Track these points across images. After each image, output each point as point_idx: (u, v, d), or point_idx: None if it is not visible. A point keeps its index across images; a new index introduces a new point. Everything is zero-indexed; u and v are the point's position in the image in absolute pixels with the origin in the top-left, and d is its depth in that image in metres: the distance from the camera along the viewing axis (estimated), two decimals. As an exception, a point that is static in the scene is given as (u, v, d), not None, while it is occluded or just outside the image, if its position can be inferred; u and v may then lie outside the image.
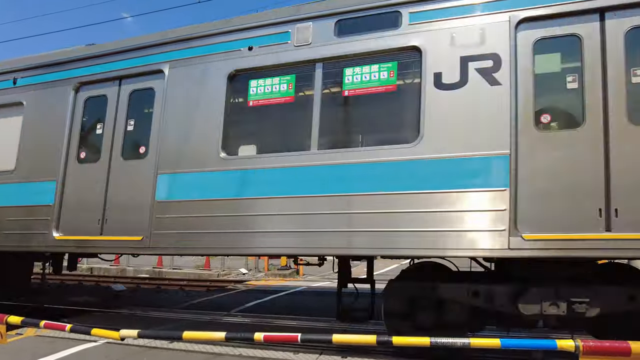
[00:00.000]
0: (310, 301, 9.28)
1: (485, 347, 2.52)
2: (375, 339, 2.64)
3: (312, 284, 12.08)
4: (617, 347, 2.32)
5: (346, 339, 2.77)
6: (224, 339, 3.02)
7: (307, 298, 9.69)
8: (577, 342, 2.34)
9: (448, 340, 2.51)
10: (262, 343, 2.93)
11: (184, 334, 3.00)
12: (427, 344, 2.53)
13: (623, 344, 2.31)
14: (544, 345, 2.47)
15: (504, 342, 2.46)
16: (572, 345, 2.35)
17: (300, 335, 2.80)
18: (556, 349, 2.40)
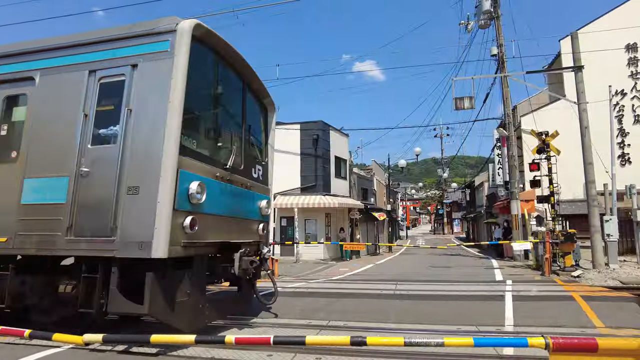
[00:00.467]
0: (285, 302, 9.18)
1: (459, 346, 2.52)
2: (349, 339, 2.60)
3: (288, 284, 11.97)
4: (584, 344, 2.37)
5: (320, 340, 2.71)
6: (194, 342, 2.91)
7: (282, 299, 9.58)
8: (547, 340, 2.37)
9: (422, 339, 2.50)
10: (233, 346, 2.83)
11: (152, 337, 2.88)
12: (402, 343, 2.51)
13: (590, 340, 2.37)
14: (516, 343, 2.49)
15: (477, 341, 2.47)
16: (543, 343, 2.38)
17: (273, 336, 2.72)
18: (527, 346, 2.42)
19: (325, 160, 22.23)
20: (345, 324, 6.96)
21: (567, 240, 13.07)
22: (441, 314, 7.69)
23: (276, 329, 6.72)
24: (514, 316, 7.28)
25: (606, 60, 19.36)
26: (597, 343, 2.30)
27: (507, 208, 20.11)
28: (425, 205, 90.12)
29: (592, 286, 10.78)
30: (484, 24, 20.11)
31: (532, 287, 10.72)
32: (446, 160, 59.76)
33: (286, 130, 22.45)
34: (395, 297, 9.52)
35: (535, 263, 15.32)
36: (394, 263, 19.80)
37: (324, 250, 21.16)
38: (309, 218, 21.60)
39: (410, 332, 6.45)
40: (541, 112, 20.05)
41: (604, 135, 16.80)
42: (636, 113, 19.27)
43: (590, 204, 14.12)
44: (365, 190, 31.19)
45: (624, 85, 19.47)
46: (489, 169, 28.02)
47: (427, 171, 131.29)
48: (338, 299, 9.27)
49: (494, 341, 2.61)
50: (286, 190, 21.85)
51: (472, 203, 42.22)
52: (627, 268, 13.96)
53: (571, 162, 17.54)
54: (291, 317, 7.55)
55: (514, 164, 19.17)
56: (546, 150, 15.32)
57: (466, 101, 17.55)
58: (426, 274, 14.66)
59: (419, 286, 11.47)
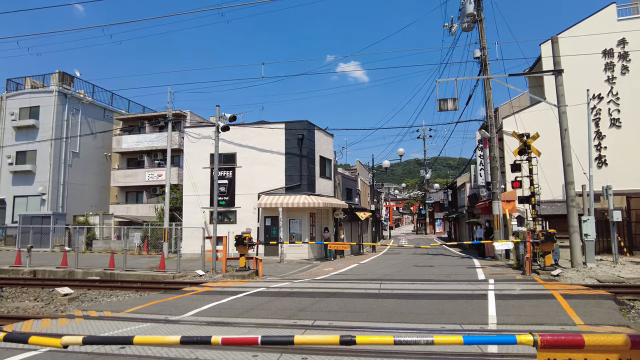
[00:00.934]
0: (269, 302, 9.11)
1: (449, 344, 2.51)
2: (339, 338, 2.56)
3: (272, 284, 11.89)
4: (571, 340, 2.40)
5: (308, 339, 2.67)
6: (179, 342, 2.83)
7: (267, 299, 9.50)
8: (535, 337, 2.39)
9: (412, 338, 2.48)
10: (220, 346, 2.76)
11: (135, 338, 2.79)
12: (391, 342, 2.49)
13: (577, 337, 2.39)
14: (504, 340, 2.50)
15: (466, 339, 2.47)
16: (531, 340, 2.39)
17: (261, 336, 2.67)
18: (515, 343, 2.43)
19: (310, 160, 22.20)
20: (331, 323, 6.94)
21: (547, 240, 13.33)
22: (425, 313, 7.73)
23: (262, 329, 6.66)
24: (496, 314, 7.38)
25: (585, 65, 19.85)
26: (583, 339, 2.33)
27: (488, 208, 20.42)
28: (408, 206, 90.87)
29: (571, 285, 11.02)
30: (468, 26, 20.37)
31: (513, 286, 10.89)
32: (429, 162, 60.39)
33: (271, 129, 22.35)
34: (380, 297, 9.55)
35: (516, 262, 15.59)
36: (378, 263, 19.89)
37: (308, 250, 21.12)
38: (293, 218, 21.53)
39: (396, 330, 6.47)
40: (522, 114, 20.42)
41: (582, 137, 17.23)
42: (612, 117, 19.79)
43: (570, 205, 14.45)
44: (349, 190, 31.27)
45: (601, 89, 19.98)
46: (470, 170, 28.40)
47: (409, 172, 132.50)
48: (323, 299, 9.24)
49: (483, 339, 2.62)
50: (270, 189, 21.74)
51: (454, 203, 42.74)
52: (603, 267, 14.34)
53: (550, 164, 17.94)
54: (276, 317, 7.50)
55: (496, 165, 19.49)
56: (527, 152, 15.60)
57: (450, 103, 17.75)
58: (410, 274, 14.76)
59: (403, 285, 11.54)
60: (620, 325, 6.70)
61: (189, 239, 21.13)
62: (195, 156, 23.08)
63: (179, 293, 10.78)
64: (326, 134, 24.77)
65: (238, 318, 7.52)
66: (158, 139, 31.15)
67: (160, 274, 14.68)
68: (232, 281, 13.13)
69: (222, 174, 22.21)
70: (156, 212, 29.02)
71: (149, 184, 31.60)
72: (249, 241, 14.51)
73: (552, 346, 2.37)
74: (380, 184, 64.96)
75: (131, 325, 6.92)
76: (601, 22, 20.22)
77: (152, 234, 26.09)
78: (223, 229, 20.79)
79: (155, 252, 24.58)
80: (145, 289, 12.64)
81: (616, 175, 18.82)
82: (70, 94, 31.03)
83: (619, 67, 19.98)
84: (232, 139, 22.22)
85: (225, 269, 14.86)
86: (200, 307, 8.48)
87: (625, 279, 11.95)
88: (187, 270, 15.38)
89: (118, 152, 33.05)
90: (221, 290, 11.06)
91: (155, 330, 6.53)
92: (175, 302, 9.30)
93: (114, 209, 31.98)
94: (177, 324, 7.08)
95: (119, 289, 12.81)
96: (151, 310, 8.38)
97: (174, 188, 28.34)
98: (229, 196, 22.32)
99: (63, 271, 15.47)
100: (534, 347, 2.39)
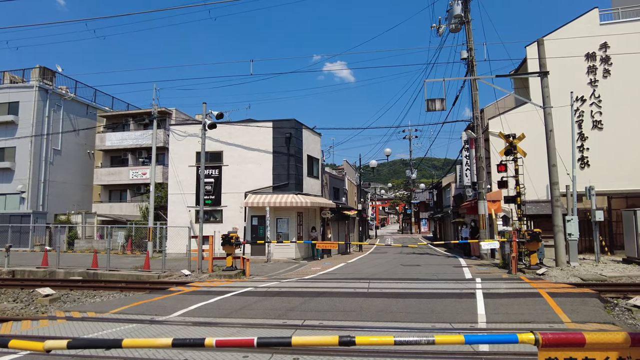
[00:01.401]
0: (258, 302, 9.00)
1: (450, 343, 2.47)
2: (338, 339, 2.50)
3: (260, 284, 11.77)
4: (572, 338, 2.39)
5: (306, 340, 2.60)
6: (171, 345, 2.72)
7: (255, 299, 9.39)
8: (536, 335, 2.37)
9: (412, 338, 2.44)
10: (214, 348, 2.67)
11: (124, 341, 2.68)
12: (392, 342, 2.44)
13: (578, 335, 2.38)
14: (506, 339, 2.48)
15: (467, 338, 2.43)
16: (532, 338, 2.37)
17: (257, 338, 2.59)
18: (517, 342, 2.41)
19: (297, 159, 22.09)
20: (321, 323, 6.88)
21: (533, 240, 13.51)
22: (415, 312, 7.73)
23: (251, 330, 6.56)
24: (486, 313, 7.42)
25: (568, 68, 20.20)
26: (584, 338, 2.32)
27: (474, 208, 20.63)
28: (394, 205, 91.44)
29: (556, 283, 11.18)
30: (455, 28, 20.54)
31: (501, 285, 11.00)
32: (414, 162, 60.86)
33: (258, 128, 22.17)
34: (369, 296, 9.52)
35: (502, 261, 15.77)
36: (365, 262, 19.91)
37: (295, 250, 21.02)
38: (280, 217, 21.40)
39: (387, 330, 6.44)
40: (507, 116, 20.68)
41: (566, 139, 17.53)
42: (594, 119, 20.18)
43: (554, 205, 14.67)
44: (337, 189, 31.26)
45: (584, 92, 20.37)
46: (456, 171, 28.67)
47: (395, 172, 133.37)
48: (312, 298, 9.17)
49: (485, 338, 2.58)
50: (258, 188, 21.57)
51: (439, 203, 43.12)
52: (586, 265, 14.61)
53: (534, 164, 18.20)
54: (266, 317, 7.40)
55: (482, 165, 19.69)
56: (513, 152, 15.79)
57: (437, 103, 17.86)
58: (397, 272, 14.80)
59: (391, 284, 11.54)
60: (606, 322, 6.80)
61: (174, 238, 20.82)
62: (181, 154, 22.75)
63: (165, 293, 10.58)
64: (314, 133, 24.69)
65: (226, 318, 7.40)
66: (143, 137, 30.63)
67: (145, 273, 14.41)
68: (219, 281, 12.96)
69: (208, 173, 21.95)
70: (140, 211, 28.54)
71: (133, 182, 31.06)
72: (236, 240, 14.34)
73: (553, 345, 2.35)
74: (367, 184, 65.17)
75: (117, 326, 6.74)
76: (584, 25, 20.60)
77: (137, 233, 25.65)
78: (209, 228, 20.54)
79: (140, 251, 24.17)
80: (130, 289, 12.38)
81: (598, 176, 19.22)
82: (51, 89, 30.27)
83: (601, 71, 20.39)
84: (219, 137, 21.97)
85: (212, 269, 14.67)
86: (187, 307, 8.33)
87: (607, 277, 12.19)
88: (173, 270, 15.14)
89: (101, 150, 32.39)
90: (208, 290, 10.91)
91: (142, 331, 6.37)
92: (162, 302, 9.12)
93: (97, 207, 31.34)
94: (164, 325, 6.93)
95: (103, 289, 12.52)
96: (137, 311, 8.19)
97: (158, 187, 27.91)
98: (215, 195, 22.07)
99: (44, 271, 15.06)
100: (535, 345, 2.38)
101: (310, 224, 23.20)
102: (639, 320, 7.61)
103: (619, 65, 20.12)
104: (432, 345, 5.30)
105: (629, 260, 15.25)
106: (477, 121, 19.91)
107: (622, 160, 19.52)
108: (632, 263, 14.77)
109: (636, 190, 19.31)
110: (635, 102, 19.88)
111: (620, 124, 19.88)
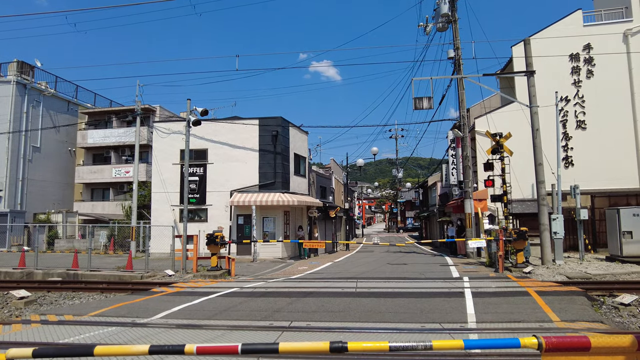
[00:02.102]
0: (244, 303, 8.77)
1: (449, 348, 2.32)
2: (329, 345, 2.32)
3: (246, 284, 11.53)
4: (577, 342, 2.26)
5: (295, 347, 2.41)
6: (148, 352, 2.51)
7: (241, 299, 9.17)
8: (539, 339, 2.22)
9: (409, 343, 2.28)
10: (194, 355, 2.47)
11: (96, 348, 2.46)
12: (387, 348, 2.27)
13: (583, 338, 2.25)
14: (508, 343, 2.33)
15: (467, 343, 2.28)
16: (535, 343, 2.23)
17: (241, 345, 2.39)
18: (519, 347, 2.26)
19: (284, 157, 21.85)
20: (309, 324, 6.70)
21: (519, 238, 13.55)
22: (404, 311, 7.61)
23: (236, 332, 6.34)
24: (475, 312, 7.33)
25: (554, 68, 20.40)
26: (590, 341, 2.20)
27: (460, 207, 20.69)
28: (380, 204, 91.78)
29: (543, 281, 11.21)
30: (442, 27, 20.53)
31: (489, 284, 10.97)
32: (400, 161, 61.08)
33: (244, 125, 21.86)
34: (357, 295, 9.37)
35: (489, 260, 15.81)
36: (353, 261, 19.80)
37: (282, 249, 20.79)
38: (267, 216, 21.14)
39: (376, 331, 6.30)
40: (493, 115, 20.78)
41: (550, 138, 17.68)
42: (578, 119, 20.41)
43: (541, 203, 14.75)
44: (324, 188, 31.10)
45: (569, 92, 20.58)
46: (442, 170, 28.79)
47: (381, 171, 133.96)
48: (299, 299, 8.98)
49: (486, 342, 2.43)
50: (243, 187, 21.26)
51: (425, 202, 43.33)
52: (571, 264, 14.73)
53: (519, 163, 18.32)
54: (251, 319, 7.19)
55: (468, 164, 19.74)
56: (500, 151, 15.84)
57: (425, 101, 17.83)
58: (385, 272, 14.70)
59: (379, 284, 11.43)
60: (595, 321, 6.78)
61: (158, 237, 20.37)
62: (165, 152, 22.29)
63: (147, 294, 10.27)
64: (301, 131, 24.48)
65: (211, 320, 7.17)
66: (126, 134, 29.99)
67: (127, 274, 14.02)
68: (204, 281, 12.67)
69: (192, 171, 21.55)
70: (123, 209, 27.93)
71: (116, 180, 30.41)
72: (221, 240, 14.06)
73: (556, 349, 2.21)
74: (354, 183, 65.20)
75: (95, 330, 6.45)
76: (568, 27, 20.82)
77: (119, 233, 25.07)
78: (194, 227, 20.18)
79: (123, 251, 23.63)
80: (112, 290, 12.01)
81: (582, 175, 19.44)
82: (30, 84, 29.38)
83: (585, 71, 20.64)
84: (204, 134, 21.59)
85: (196, 269, 14.35)
86: (170, 309, 8.06)
87: (592, 275, 12.29)
88: (156, 270, 14.77)
89: (83, 148, 31.62)
90: (192, 290, 10.63)
91: (122, 335, 6.10)
92: (144, 304, 8.82)
93: (79, 206, 30.58)
94: (145, 328, 6.66)
95: (83, 290, 12.12)
96: (117, 313, 7.89)
97: (142, 185, 27.35)
98: (200, 194, 21.68)
99: (20, 272, 14.54)
100: (537, 350, 2.24)
101: (297, 223, 22.99)
102: (626, 318, 7.62)
103: (601, 66, 20.39)
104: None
105: (612, 258, 15.44)
106: (464, 120, 19.96)
107: (604, 160, 19.80)
108: (615, 261, 14.96)
109: (619, 189, 19.61)
110: (617, 102, 20.18)
111: (603, 124, 20.15)
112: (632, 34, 20.27)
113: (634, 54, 20.03)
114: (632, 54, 20.06)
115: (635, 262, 14.26)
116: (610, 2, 22.17)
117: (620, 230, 14.94)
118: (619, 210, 15.17)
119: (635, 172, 19.68)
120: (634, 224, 14.84)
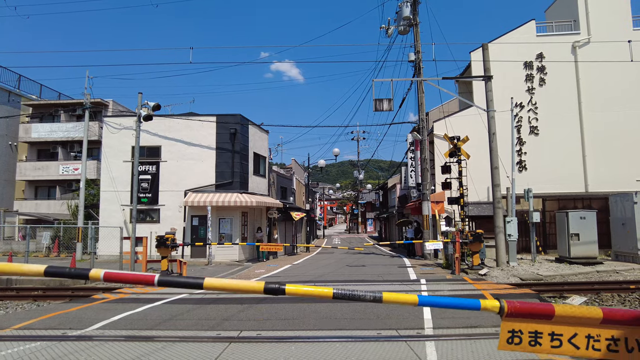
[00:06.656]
0: (190, 311, 8.22)
1: (400, 303, 2.17)
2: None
3: (196, 289, 10.90)
4: (541, 308, 2.15)
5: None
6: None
7: (189, 307, 8.60)
8: (502, 303, 2.11)
9: (356, 288, 2.03)
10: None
11: None
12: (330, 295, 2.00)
13: (548, 305, 2.16)
14: (467, 304, 2.18)
15: (421, 299, 2.15)
16: (497, 306, 2.11)
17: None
18: (479, 309, 2.14)
19: (243, 157, 21.23)
20: (259, 334, 6.29)
21: (475, 240, 13.73)
22: (360, 317, 7.35)
23: (178, 345, 5.82)
24: (432, 317, 7.18)
25: (510, 74, 21.05)
26: (554, 308, 2.16)
27: (418, 209, 20.89)
28: (342, 206, 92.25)
29: (498, 284, 11.35)
30: (404, 29, 20.68)
31: (445, 287, 10.96)
32: (362, 163, 61.59)
33: (201, 122, 21.04)
34: (312, 301, 9.03)
35: (445, 262, 15.96)
36: (312, 263, 19.49)
37: (239, 251, 20.15)
38: (223, 217, 20.43)
39: (330, 340, 5.97)
40: (452, 119, 21.15)
41: (506, 143, 18.16)
42: (531, 124, 21.18)
43: (496, 206, 15.05)
44: (284, 189, 30.63)
45: (523, 98, 21.32)
46: (401, 172, 29.09)
47: (343, 173, 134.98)
48: (252, 305, 8.53)
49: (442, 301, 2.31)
50: (199, 187, 20.45)
51: (385, 204, 43.84)
52: (524, 265, 15.13)
53: (475, 167, 18.71)
54: (197, 329, 6.68)
55: (426, 166, 19.96)
56: (457, 154, 16.04)
57: (385, 103, 17.82)
58: (344, 274, 14.48)
59: (337, 286, 11.10)
60: (548, 325, 6.78)
61: (107, 239, 19.17)
62: (116, 148, 21.06)
63: (87, 301, 9.46)
64: (261, 130, 23.91)
65: (152, 331, 6.59)
66: (75, 129, 28.23)
67: (69, 279, 12.97)
68: (152, 287, 11.91)
69: (144, 169, 20.50)
70: (70, 209, 26.22)
71: (64, 178, 28.53)
72: (172, 242, 13.33)
73: (518, 314, 2.05)
74: (316, 184, 65.10)
75: (15, 346, 5.72)
76: (523, 35, 21.56)
77: (65, 234, 23.46)
78: (145, 228, 19.17)
79: (68, 253, 22.11)
80: (47, 297, 11.04)
81: (534, 179, 20.14)
82: (-35, 73, 27.03)
83: (538, 79, 21.44)
84: (157, 130, 20.60)
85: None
86: (109, 318, 7.38)
87: (543, 277, 12.62)
88: (101, 275, 13.78)
89: (27, 142, 29.46)
90: (137, 297, 9.91)
91: (46, 352, 5.42)
92: (80, 313, 8.06)
93: (20, 205, 28.45)
94: (76, 342, 5.99)
95: (13, 298, 11.05)
96: (47, 325, 7.12)
97: (91, 183, 25.81)
98: (152, 193, 20.65)
99: (-56, 278, 13.13)
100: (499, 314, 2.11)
101: (255, 224, 22.41)
102: (576, 321, 7.73)
103: (552, 74, 21.25)
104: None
105: (561, 259, 16.02)
106: (423, 123, 20.16)
107: (555, 165, 20.62)
108: (564, 262, 15.52)
109: (568, 193, 20.47)
110: (566, 110, 21.09)
111: (553, 130, 20.99)
112: (579, 46, 21.26)
113: (581, 64, 21.02)
114: (580, 63, 21.04)
115: (582, 263, 14.84)
116: (560, 14, 23.20)
117: (568, 232, 15.51)
118: (568, 213, 15.76)
119: (581, 177, 20.63)
120: (580, 226, 15.46)
